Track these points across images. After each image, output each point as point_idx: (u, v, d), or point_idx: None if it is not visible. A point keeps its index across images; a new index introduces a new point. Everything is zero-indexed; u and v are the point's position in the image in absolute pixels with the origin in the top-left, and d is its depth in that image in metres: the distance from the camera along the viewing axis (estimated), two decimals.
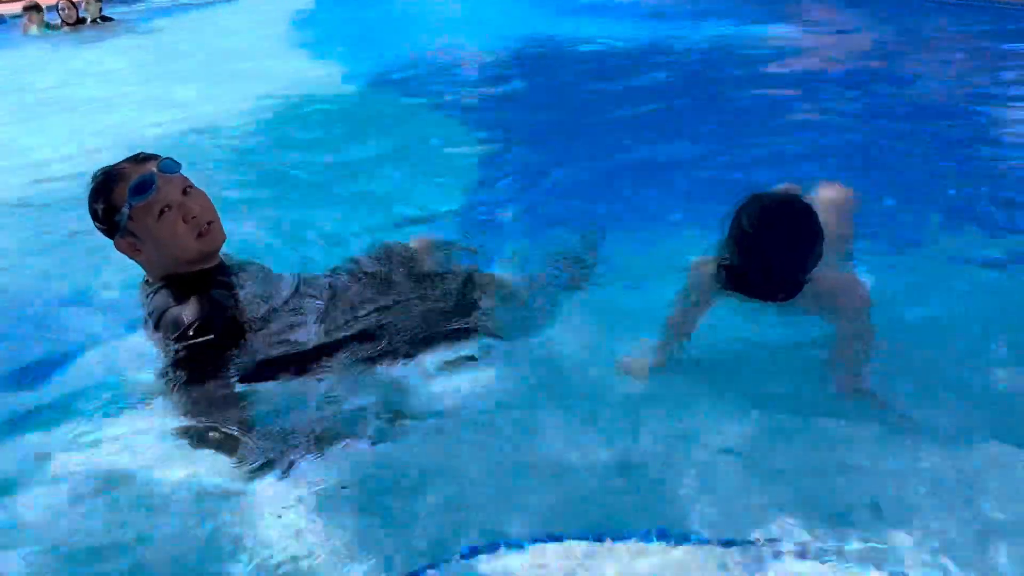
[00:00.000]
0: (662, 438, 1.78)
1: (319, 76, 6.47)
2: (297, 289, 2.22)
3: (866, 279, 2.09)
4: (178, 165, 2.04)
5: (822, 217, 1.83)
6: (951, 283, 2.43)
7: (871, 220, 2.67)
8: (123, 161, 2.03)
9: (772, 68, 5.58)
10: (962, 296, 2.38)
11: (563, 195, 3.44)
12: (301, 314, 2.12)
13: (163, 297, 1.99)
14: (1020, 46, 5.75)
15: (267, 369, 1.97)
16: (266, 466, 1.75)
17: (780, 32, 6.75)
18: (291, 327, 2.08)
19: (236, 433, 1.82)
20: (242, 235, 2.85)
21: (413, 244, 2.50)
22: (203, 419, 1.86)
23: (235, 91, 6.04)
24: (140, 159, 2.03)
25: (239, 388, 1.92)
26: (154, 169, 1.98)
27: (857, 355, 1.99)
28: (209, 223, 2.04)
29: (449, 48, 7.36)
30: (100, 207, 2.00)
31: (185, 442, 1.84)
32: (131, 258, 2.06)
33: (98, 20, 11.29)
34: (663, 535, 1.52)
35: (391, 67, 6.57)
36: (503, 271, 2.49)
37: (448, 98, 5.53)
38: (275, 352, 2.01)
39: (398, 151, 4.32)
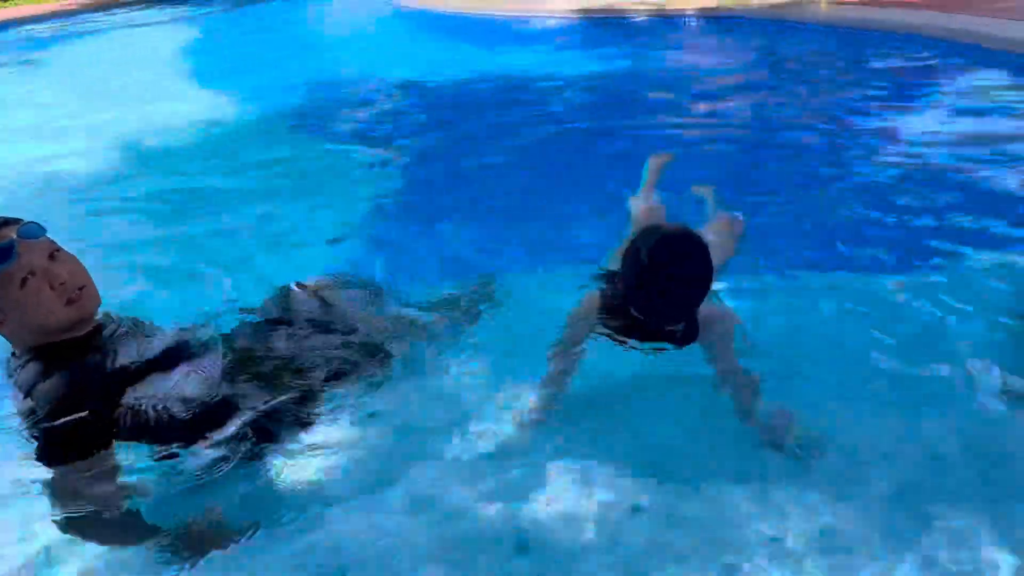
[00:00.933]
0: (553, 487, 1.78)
1: (208, 110, 6.18)
2: (186, 347, 2.12)
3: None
4: (43, 229, 1.91)
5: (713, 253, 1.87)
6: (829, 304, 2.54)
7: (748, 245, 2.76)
8: None
9: (655, 99, 5.73)
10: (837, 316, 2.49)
11: (461, 231, 3.43)
12: (192, 375, 2.02)
13: (32, 371, 1.85)
14: (898, 69, 6.03)
15: (155, 438, 1.87)
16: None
17: (662, 64, 6.97)
18: (181, 391, 1.97)
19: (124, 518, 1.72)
20: (125, 286, 2.71)
21: (312, 286, 2.44)
22: (85, 504, 1.74)
23: (115, 126, 5.74)
24: None
25: (124, 462, 1.82)
26: (13, 235, 1.83)
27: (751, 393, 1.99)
28: (80, 288, 1.91)
29: (340, 81, 7.15)
30: None
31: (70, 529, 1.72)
32: None
33: None
34: None
35: (283, 100, 6.35)
36: (403, 310, 2.46)
37: (340, 132, 5.42)
38: (164, 419, 1.90)
39: (291, 188, 4.19)
